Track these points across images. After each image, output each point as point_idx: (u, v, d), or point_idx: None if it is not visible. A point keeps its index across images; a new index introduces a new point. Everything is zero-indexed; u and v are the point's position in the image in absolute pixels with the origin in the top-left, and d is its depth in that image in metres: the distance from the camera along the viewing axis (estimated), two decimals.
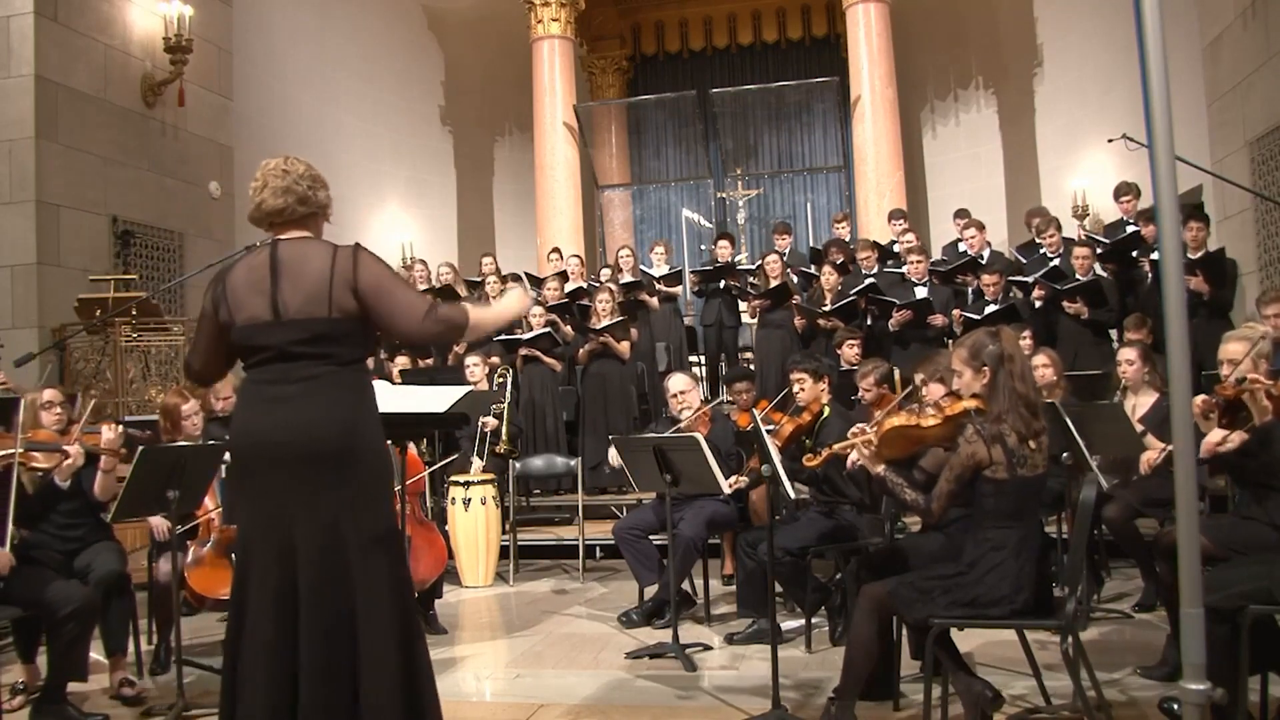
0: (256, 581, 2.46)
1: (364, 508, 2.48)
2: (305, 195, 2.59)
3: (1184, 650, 1.92)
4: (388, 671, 2.43)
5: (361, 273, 2.50)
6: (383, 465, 2.60)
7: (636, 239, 12.75)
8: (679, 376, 5.35)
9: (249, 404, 2.53)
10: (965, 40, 12.79)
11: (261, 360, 2.51)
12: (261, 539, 2.47)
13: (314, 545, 2.43)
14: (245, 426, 2.52)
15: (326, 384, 2.48)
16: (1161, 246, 2.00)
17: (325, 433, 2.44)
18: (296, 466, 2.44)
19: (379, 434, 2.59)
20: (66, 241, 7.84)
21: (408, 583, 2.60)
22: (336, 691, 2.40)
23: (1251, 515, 3.36)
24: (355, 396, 2.54)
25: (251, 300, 2.50)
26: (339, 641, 2.42)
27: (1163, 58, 1.97)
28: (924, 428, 3.11)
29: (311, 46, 11.76)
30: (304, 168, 2.63)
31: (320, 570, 2.43)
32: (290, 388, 2.47)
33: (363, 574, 2.45)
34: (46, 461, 3.80)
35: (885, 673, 3.39)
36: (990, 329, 3.16)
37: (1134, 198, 7.65)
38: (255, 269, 2.53)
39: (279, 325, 2.48)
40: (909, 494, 3.13)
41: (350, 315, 2.50)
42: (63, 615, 3.52)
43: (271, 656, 2.40)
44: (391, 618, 2.46)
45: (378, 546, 2.49)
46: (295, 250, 2.54)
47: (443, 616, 5.07)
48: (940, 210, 12.15)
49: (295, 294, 2.48)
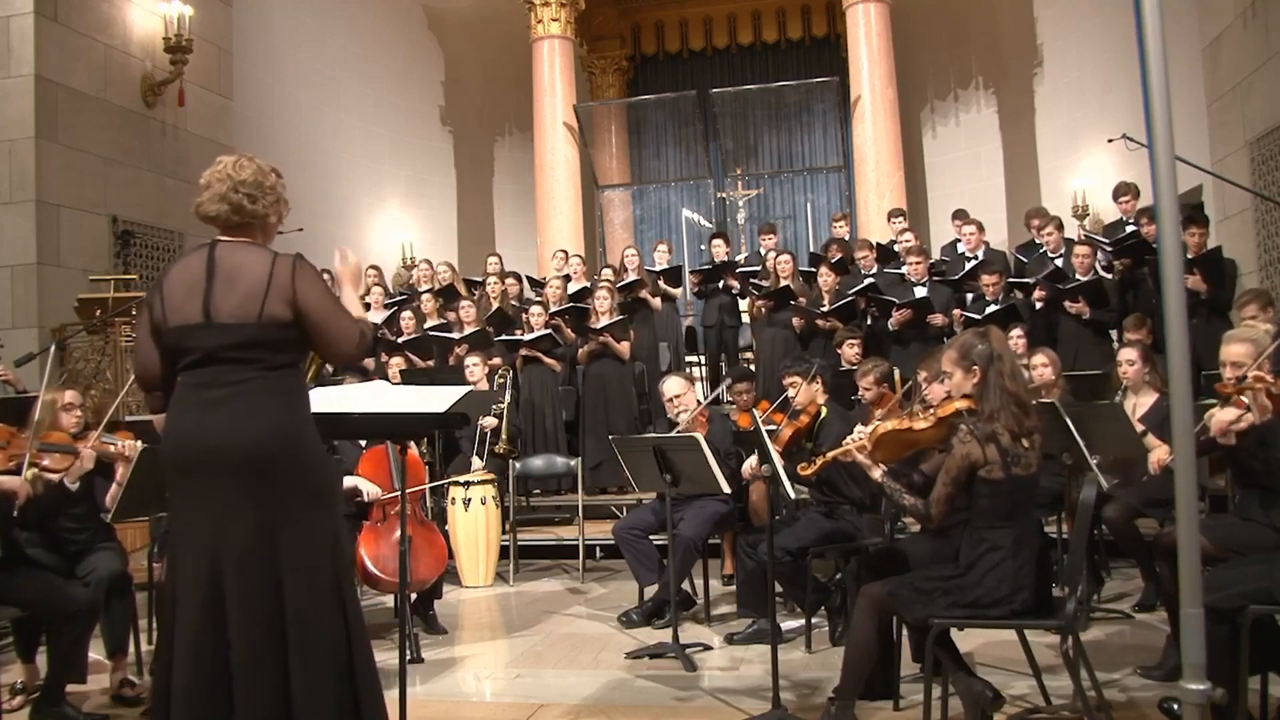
0: (184, 590, 2.40)
1: (295, 516, 2.41)
2: (239, 204, 2.52)
3: (1184, 650, 1.92)
4: (324, 685, 2.38)
5: (300, 287, 2.47)
6: (315, 471, 2.51)
7: (636, 239, 12.74)
8: (673, 380, 5.28)
9: (181, 408, 2.47)
10: (965, 40, 12.79)
11: (193, 363, 2.46)
12: (189, 547, 2.42)
13: (241, 556, 2.37)
14: (175, 430, 2.47)
15: (256, 389, 2.43)
16: (1161, 246, 2.00)
17: (256, 438, 2.39)
18: (227, 471, 2.38)
19: (312, 440, 2.53)
20: (66, 241, 7.84)
21: (350, 590, 2.52)
22: (270, 704, 2.34)
23: (1251, 516, 3.36)
24: (286, 401, 2.48)
25: (185, 302, 2.46)
26: (271, 653, 2.35)
27: (1163, 58, 1.97)
28: (917, 430, 3.12)
29: (311, 46, 11.76)
30: (251, 174, 2.54)
31: (247, 582, 2.36)
32: (220, 391, 2.42)
33: (295, 585, 2.38)
34: (59, 463, 3.79)
35: (885, 673, 3.39)
36: (979, 329, 3.17)
37: (1134, 198, 7.64)
38: (191, 270, 2.49)
39: (210, 328, 2.43)
40: (908, 499, 3.14)
41: (281, 323, 2.45)
42: (63, 615, 3.53)
43: (203, 666, 2.34)
44: (328, 629, 2.40)
45: (312, 558, 2.42)
46: (233, 254, 2.49)
47: (443, 616, 5.07)
48: (940, 210, 12.14)
49: (228, 298, 2.44)
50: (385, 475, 4.92)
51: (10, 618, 3.74)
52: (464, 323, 7.97)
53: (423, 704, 3.65)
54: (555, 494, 7.80)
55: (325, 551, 2.47)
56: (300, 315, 2.47)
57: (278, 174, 2.63)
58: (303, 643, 2.37)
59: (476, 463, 6.31)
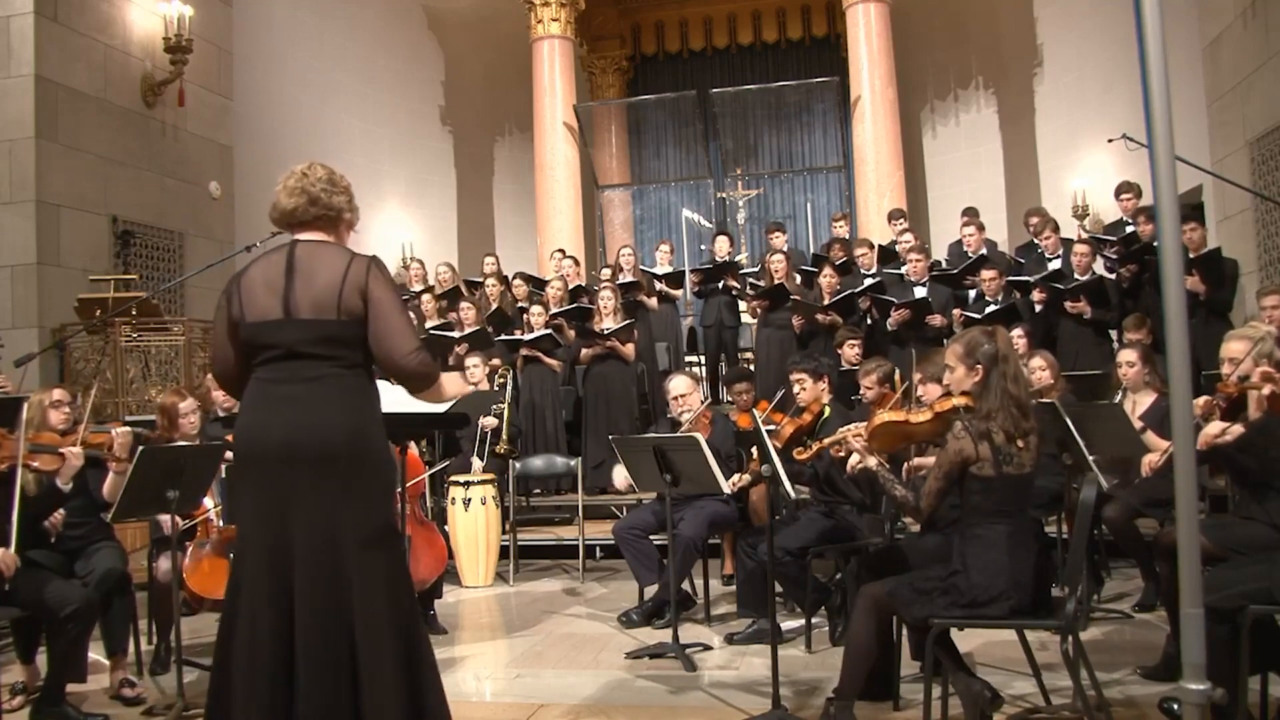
0: (249, 582, 2.44)
1: (363, 510, 2.46)
2: (316, 196, 2.58)
3: (1184, 650, 1.91)
4: (387, 672, 2.42)
5: (373, 284, 2.51)
6: (385, 468, 2.59)
7: (636, 239, 12.76)
8: (679, 379, 5.33)
9: (255, 402, 2.52)
10: (965, 40, 12.79)
11: (269, 359, 2.50)
12: (258, 538, 2.47)
13: (310, 546, 2.42)
14: (250, 423, 2.51)
15: (332, 385, 2.48)
16: (1161, 246, 2.00)
17: (329, 434, 2.44)
18: (298, 466, 2.43)
19: (381, 438, 2.58)
20: (66, 241, 7.84)
21: (407, 584, 2.59)
22: (335, 693, 2.38)
23: (1251, 515, 3.36)
24: (361, 399, 2.53)
25: (264, 298, 2.50)
26: (336, 644, 2.40)
27: (1163, 58, 1.97)
28: (914, 423, 3.13)
29: (311, 46, 11.76)
30: (324, 173, 2.63)
31: (316, 571, 2.41)
32: (297, 387, 2.47)
33: (359, 575, 2.43)
34: (47, 464, 3.79)
35: (885, 673, 3.39)
36: (987, 328, 3.17)
37: (1134, 197, 7.64)
38: (271, 267, 2.54)
39: (288, 324, 2.48)
40: (899, 490, 3.16)
41: (358, 319, 2.50)
42: (63, 615, 3.52)
43: (265, 658, 2.38)
44: (390, 619, 2.45)
45: (376, 548, 2.48)
46: (312, 251, 2.54)
47: (443, 616, 5.07)
48: (940, 210, 12.16)
49: (307, 294, 2.48)
50: None
51: (10, 618, 3.74)
52: (464, 323, 7.97)
53: None
54: (555, 494, 7.81)
55: (388, 547, 2.52)
56: (368, 308, 2.50)
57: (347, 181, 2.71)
58: (368, 637, 2.41)
59: (476, 463, 6.31)
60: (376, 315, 2.51)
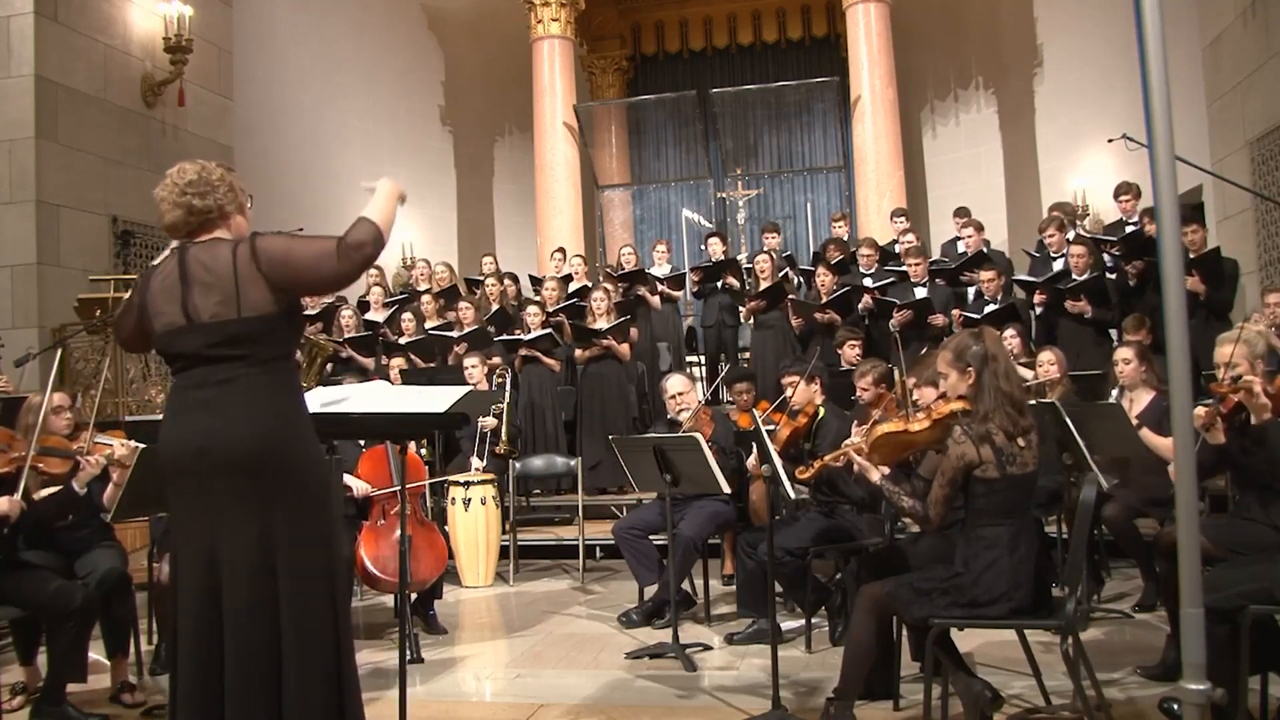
0: (183, 596, 2.40)
1: (288, 517, 2.39)
2: (190, 204, 2.53)
3: (1184, 650, 1.91)
4: (312, 689, 2.37)
5: (261, 256, 2.42)
6: (305, 470, 2.46)
7: (636, 239, 12.73)
8: (677, 378, 5.33)
9: (173, 410, 2.48)
10: (965, 40, 12.78)
11: (182, 366, 2.47)
12: (186, 549, 2.41)
13: (234, 557, 2.36)
14: (167, 433, 2.46)
15: (243, 387, 2.41)
16: (1161, 247, 2.00)
17: (243, 439, 2.37)
18: (217, 474, 2.37)
19: (301, 438, 2.48)
20: (66, 241, 7.84)
21: (337, 592, 2.49)
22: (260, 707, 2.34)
23: (1251, 516, 3.36)
24: (275, 398, 2.45)
25: (166, 307, 2.46)
26: (261, 657, 2.35)
27: (1163, 58, 1.96)
28: (913, 432, 3.13)
29: (311, 46, 11.76)
30: (194, 174, 2.56)
31: (241, 584, 2.35)
32: (208, 391, 2.41)
33: (288, 587, 2.37)
34: (54, 467, 3.79)
35: (885, 673, 3.39)
36: (973, 330, 3.19)
37: (1134, 197, 7.64)
38: (167, 276, 2.50)
39: (192, 330, 2.43)
40: (907, 502, 3.15)
41: (262, 313, 2.42)
42: (63, 615, 3.52)
43: (199, 668, 2.35)
44: (316, 633, 2.39)
45: (304, 557, 2.40)
46: (202, 253, 2.49)
47: (443, 617, 5.07)
48: (940, 210, 12.14)
49: (205, 297, 2.43)
50: (385, 475, 4.93)
51: (10, 618, 3.74)
52: (463, 323, 7.97)
53: (423, 704, 3.66)
54: (555, 494, 7.81)
55: (317, 551, 2.44)
56: (272, 277, 2.42)
57: (226, 167, 2.63)
58: (295, 644, 2.37)
59: (476, 463, 6.31)
60: (287, 271, 2.42)
